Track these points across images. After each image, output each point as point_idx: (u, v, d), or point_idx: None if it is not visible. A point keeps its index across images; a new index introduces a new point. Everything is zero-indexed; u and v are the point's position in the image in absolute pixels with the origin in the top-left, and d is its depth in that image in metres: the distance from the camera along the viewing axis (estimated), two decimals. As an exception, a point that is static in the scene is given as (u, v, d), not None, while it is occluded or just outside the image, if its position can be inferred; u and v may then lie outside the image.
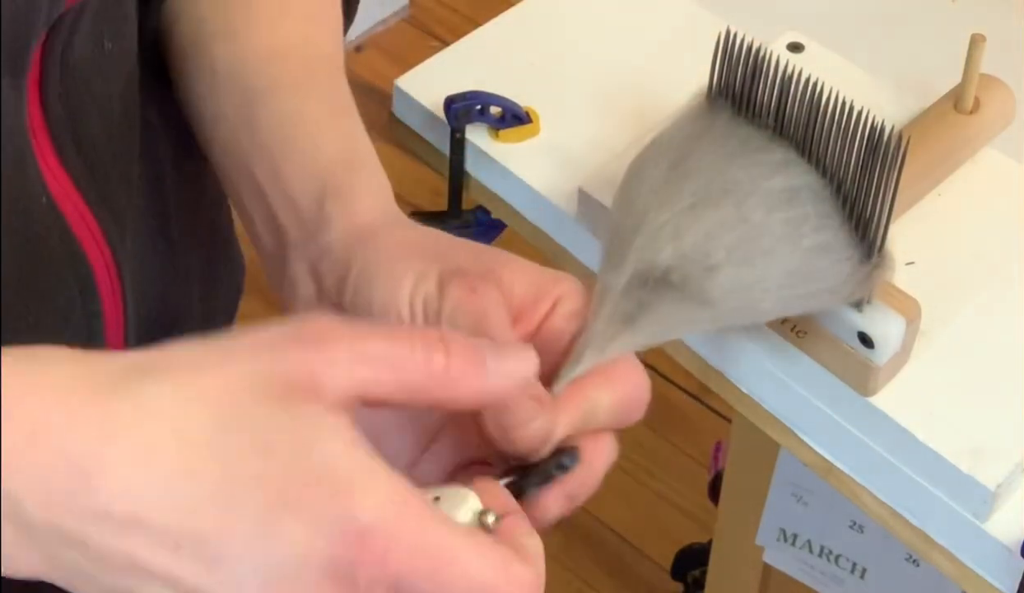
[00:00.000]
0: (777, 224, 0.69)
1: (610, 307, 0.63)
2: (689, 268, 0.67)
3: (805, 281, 0.70)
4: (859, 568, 1.09)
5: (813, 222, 0.70)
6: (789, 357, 0.81)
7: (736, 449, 1.16)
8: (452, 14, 2.42)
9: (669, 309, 0.66)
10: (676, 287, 0.67)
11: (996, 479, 0.77)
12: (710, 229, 0.68)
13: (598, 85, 0.98)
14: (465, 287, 0.59)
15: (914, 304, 0.77)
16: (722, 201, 0.69)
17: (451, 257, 0.61)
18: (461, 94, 0.96)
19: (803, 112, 0.70)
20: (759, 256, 0.69)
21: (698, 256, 0.67)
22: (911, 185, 0.85)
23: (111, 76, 0.67)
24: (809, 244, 0.70)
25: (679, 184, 0.69)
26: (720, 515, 1.23)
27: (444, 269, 0.60)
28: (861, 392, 0.79)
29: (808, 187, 0.70)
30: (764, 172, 0.70)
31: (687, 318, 0.67)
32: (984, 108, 0.89)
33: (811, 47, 0.94)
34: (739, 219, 0.68)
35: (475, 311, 0.58)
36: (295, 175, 0.67)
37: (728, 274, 0.68)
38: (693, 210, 0.68)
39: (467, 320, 0.58)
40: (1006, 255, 0.86)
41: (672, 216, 0.68)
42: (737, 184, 0.69)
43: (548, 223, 0.93)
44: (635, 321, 0.64)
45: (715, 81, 0.73)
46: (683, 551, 1.73)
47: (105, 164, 0.67)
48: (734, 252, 0.68)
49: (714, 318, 0.69)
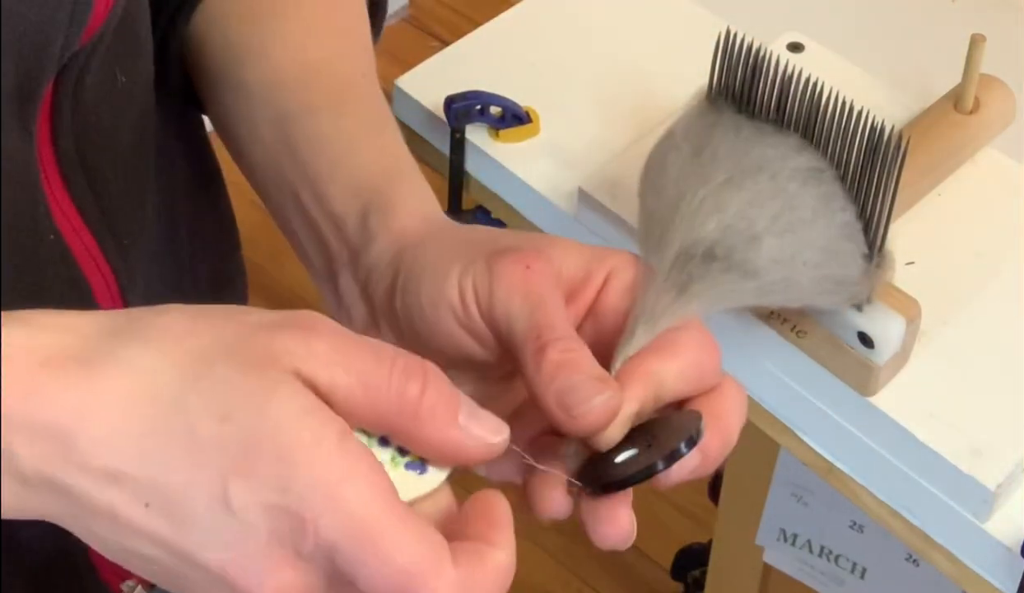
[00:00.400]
0: (812, 197, 0.69)
1: (659, 282, 0.61)
2: (733, 239, 0.66)
3: (835, 261, 0.70)
4: (859, 568, 1.09)
5: (841, 200, 0.70)
6: (789, 357, 0.81)
7: (736, 449, 1.16)
8: (452, 14, 2.42)
9: (716, 280, 0.65)
10: (721, 259, 0.66)
11: (996, 479, 0.77)
12: (751, 198, 0.67)
13: (598, 85, 0.98)
14: (520, 263, 0.57)
15: (914, 304, 0.77)
16: (757, 175, 0.68)
17: (500, 241, 0.60)
18: (461, 94, 0.96)
19: (803, 112, 0.70)
20: (799, 226, 0.68)
21: (742, 226, 0.67)
22: (911, 185, 0.85)
23: (123, 109, 0.67)
24: (840, 221, 0.70)
25: (709, 165, 0.69)
26: (720, 515, 1.23)
27: (493, 251, 0.58)
28: (861, 392, 0.79)
29: (828, 169, 0.70)
30: (787, 152, 0.70)
31: (733, 290, 0.67)
32: (984, 108, 0.89)
33: (811, 47, 0.94)
34: (777, 189, 0.68)
35: (531, 292, 0.56)
36: (338, 196, 0.66)
37: (771, 243, 0.67)
38: (731, 183, 0.68)
39: (522, 302, 0.56)
40: (1006, 255, 0.86)
41: (710, 192, 0.67)
42: (768, 160, 0.69)
43: (548, 223, 0.93)
44: (685, 292, 0.63)
45: (715, 81, 0.73)
46: (683, 551, 1.73)
47: (116, 197, 0.67)
48: (777, 220, 0.68)
49: (759, 290, 0.68)
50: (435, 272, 0.59)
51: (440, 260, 0.60)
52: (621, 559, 1.84)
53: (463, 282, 0.58)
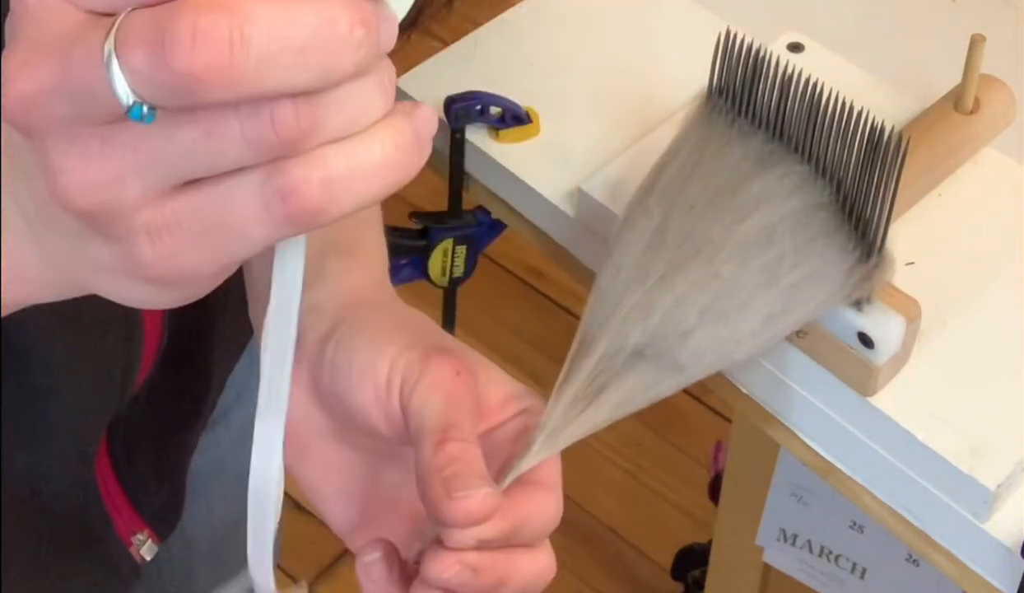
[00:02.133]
0: (751, 273, 0.69)
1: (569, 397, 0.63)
2: (660, 341, 0.67)
3: (784, 317, 0.70)
4: (859, 568, 1.09)
5: (791, 258, 0.69)
6: (789, 357, 0.81)
7: (736, 449, 1.16)
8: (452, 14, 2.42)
9: (635, 381, 0.66)
10: (648, 359, 0.67)
11: (996, 479, 0.77)
12: (681, 294, 0.68)
13: (598, 85, 0.98)
14: (450, 367, 0.59)
15: (914, 304, 0.77)
16: (693, 261, 0.68)
17: (439, 339, 0.62)
18: (461, 94, 0.96)
19: (803, 112, 0.70)
20: (735, 311, 0.68)
21: (670, 326, 0.67)
22: (911, 185, 0.85)
23: None
24: (788, 283, 0.69)
25: (657, 252, 0.69)
26: (720, 515, 1.23)
27: (429, 345, 0.61)
28: (861, 392, 0.79)
29: (791, 215, 0.70)
30: (738, 216, 0.69)
31: (652, 387, 0.67)
32: (984, 108, 0.89)
33: (811, 47, 0.94)
34: (711, 276, 0.68)
35: (451, 394, 0.58)
36: None
37: (701, 336, 0.67)
38: (663, 281, 0.68)
39: (441, 399, 0.58)
40: (1006, 255, 0.86)
41: (643, 294, 0.68)
42: (710, 241, 0.69)
43: (548, 223, 0.93)
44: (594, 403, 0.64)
45: (715, 81, 0.73)
46: (683, 551, 1.73)
47: None
48: (707, 313, 0.68)
49: (680, 383, 0.68)
50: (372, 345, 0.61)
51: (380, 335, 0.61)
52: (621, 559, 1.84)
53: (395, 366, 0.60)
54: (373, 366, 0.60)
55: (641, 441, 1.92)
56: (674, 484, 1.91)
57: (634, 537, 1.86)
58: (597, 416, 0.63)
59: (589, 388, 0.64)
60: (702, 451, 1.88)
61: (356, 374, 0.61)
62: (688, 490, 1.89)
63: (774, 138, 0.73)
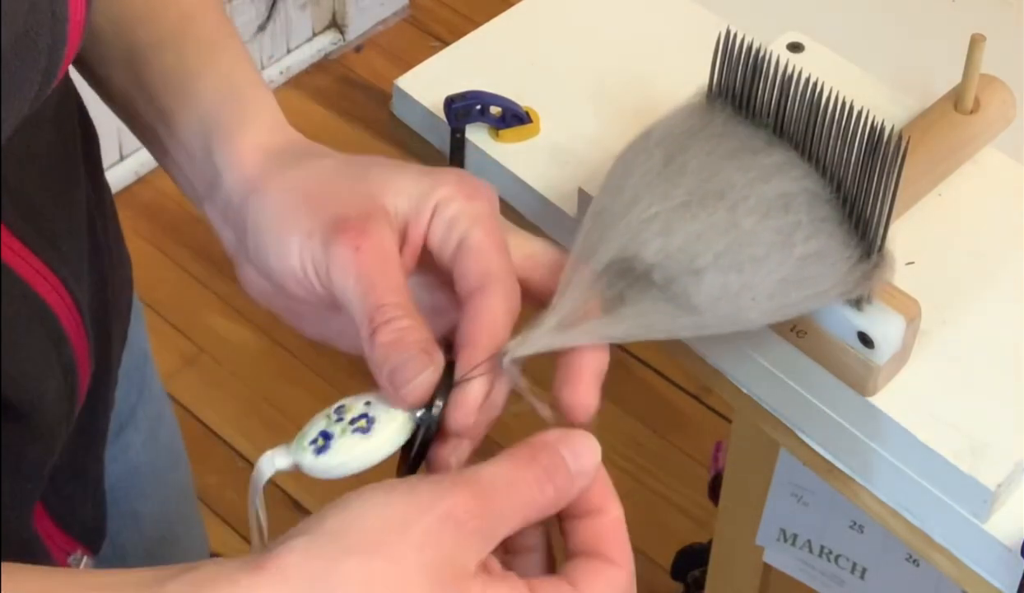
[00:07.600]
0: (769, 231, 0.68)
1: (584, 285, 0.63)
2: (674, 269, 0.66)
3: (796, 288, 0.70)
4: (859, 568, 1.09)
5: (806, 230, 0.69)
6: (789, 357, 0.81)
7: (736, 449, 1.16)
8: (452, 14, 2.42)
9: (649, 308, 0.66)
10: (658, 286, 0.66)
11: (996, 479, 0.77)
12: (701, 230, 0.67)
13: (598, 85, 0.98)
14: (349, 246, 0.60)
15: (914, 304, 0.77)
16: (716, 203, 0.68)
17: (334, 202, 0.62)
18: (461, 94, 0.96)
19: (803, 112, 0.70)
20: (748, 263, 0.68)
21: (684, 258, 0.66)
22: (911, 185, 0.85)
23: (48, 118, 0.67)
24: (801, 252, 0.69)
25: (674, 179, 0.68)
26: (720, 515, 1.23)
27: (327, 222, 0.61)
28: (861, 392, 0.79)
29: (805, 192, 0.70)
30: (761, 175, 0.69)
31: (668, 320, 0.67)
32: (984, 108, 0.89)
33: (811, 47, 0.94)
34: (730, 224, 0.68)
35: (361, 275, 0.60)
36: (185, 130, 0.68)
37: (714, 279, 0.67)
38: (686, 208, 0.67)
39: (354, 285, 0.60)
40: (1006, 255, 0.86)
41: (663, 210, 0.67)
42: (732, 187, 0.68)
43: (548, 223, 0.93)
44: (614, 313, 0.64)
45: (715, 81, 0.73)
46: (683, 551, 1.73)
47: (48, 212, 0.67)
48: (722, 257, 0.67)
49: (697, 325, 0.68)
50: (278, 238, 0.63)
51: (282, 224, 0.63)
52: (621, 559, 1.84)
53: (303, 255, 0.62)
54: (286, 261, 0.62)
55: (641, 441, 1.92)
56: (674, 484, 1.91)
57: (634, 537, 1.85)
58: (613, 329, 0.63)
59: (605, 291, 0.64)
60: (702, 451, 1.89)
61: (277, 268, 0.63)
62: (688, 490, 1.89)
63: (774, 138, 0.73)
